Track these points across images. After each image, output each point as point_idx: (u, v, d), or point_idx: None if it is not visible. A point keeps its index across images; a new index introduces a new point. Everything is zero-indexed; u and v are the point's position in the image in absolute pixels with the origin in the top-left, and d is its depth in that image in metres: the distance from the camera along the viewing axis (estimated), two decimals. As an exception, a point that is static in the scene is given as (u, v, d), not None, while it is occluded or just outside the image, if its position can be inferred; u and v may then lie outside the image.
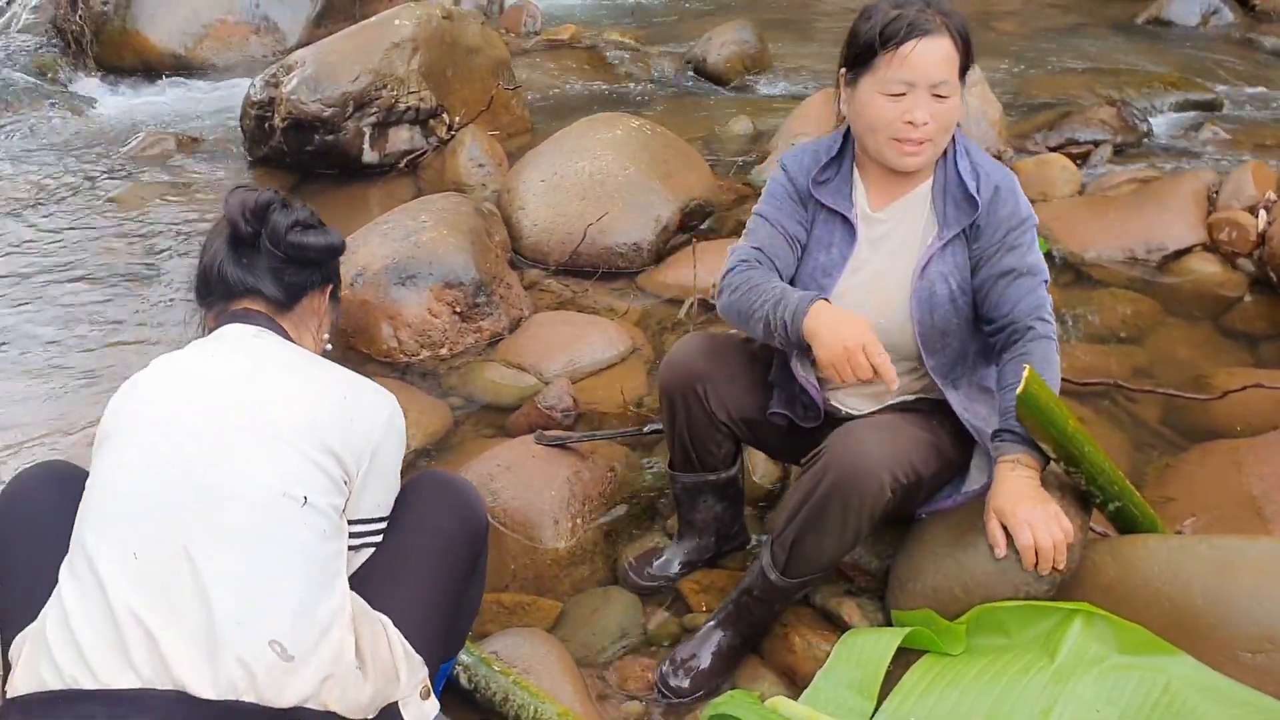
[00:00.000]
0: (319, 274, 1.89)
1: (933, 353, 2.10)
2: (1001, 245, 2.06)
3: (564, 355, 3.24)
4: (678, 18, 7.73)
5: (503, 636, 2.18)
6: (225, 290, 1.82)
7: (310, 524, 1.57)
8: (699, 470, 2.33)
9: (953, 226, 2.08)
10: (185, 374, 1.69)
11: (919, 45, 1.98)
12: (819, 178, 2.18)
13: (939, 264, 2.08)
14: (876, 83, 2.02)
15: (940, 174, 2.11)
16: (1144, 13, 7.45)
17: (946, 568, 2.04)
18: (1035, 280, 2.06)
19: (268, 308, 1.83)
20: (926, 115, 2.00)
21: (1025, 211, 2.08)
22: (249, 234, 1.79)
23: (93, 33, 6.28)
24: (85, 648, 1.45)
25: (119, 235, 4.19)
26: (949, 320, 2.09)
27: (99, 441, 1.67)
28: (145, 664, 1.44)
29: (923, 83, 1.99)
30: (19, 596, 1.62)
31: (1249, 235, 3.68)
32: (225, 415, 1.61)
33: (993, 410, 2.13)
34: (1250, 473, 2.57)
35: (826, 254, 2.16)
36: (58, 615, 1.50)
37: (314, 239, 1.83)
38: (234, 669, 1.45)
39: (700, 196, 4.03)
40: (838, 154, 2.18)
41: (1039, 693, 1.88)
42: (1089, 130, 4.96)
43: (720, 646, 2.12)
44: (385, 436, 1.73)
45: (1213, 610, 1.90)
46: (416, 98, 4.60)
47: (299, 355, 1.78)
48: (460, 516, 1.84)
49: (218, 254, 1.82)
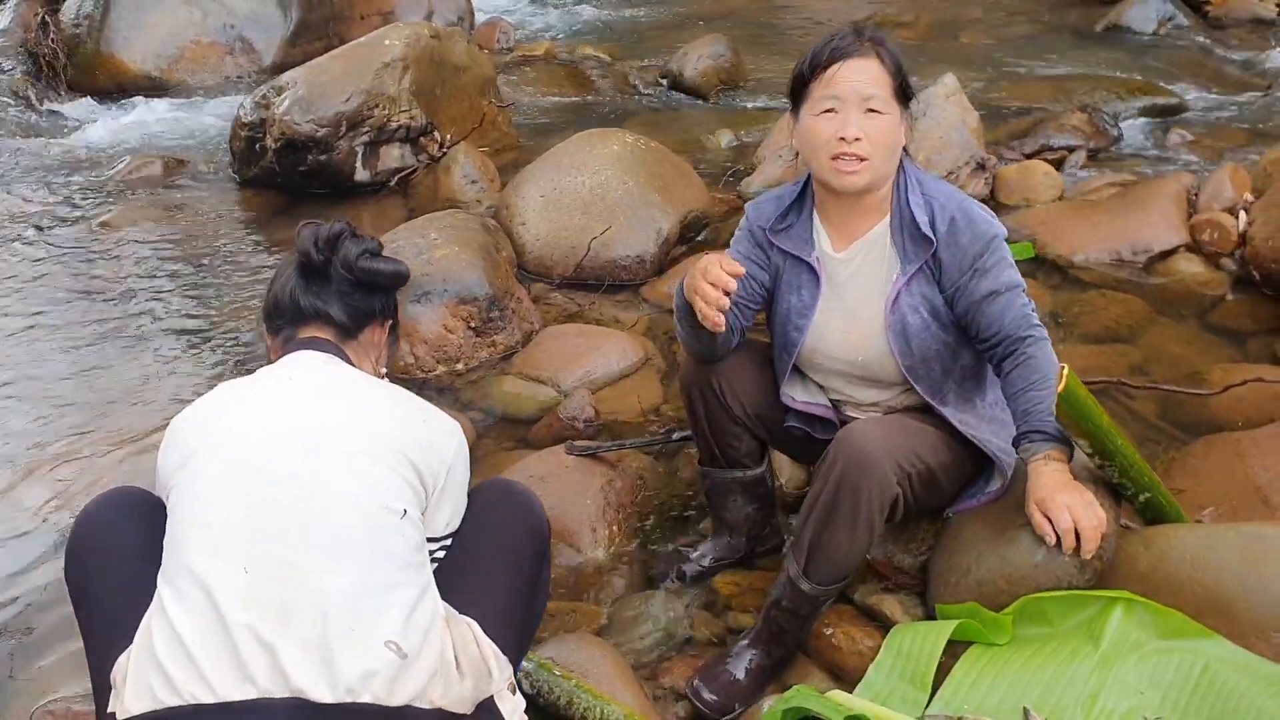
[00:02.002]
0: (383, 304, 1.97)
1: (919, 379, 2.19)
2: (973, 272, 2.12)
3: (580, 367, 3.30)
4: (649, 32, 7.82)
5: (554, 643, 2.23)
6: (295, 314, 1.89)
7: (406, 535, 1.64)
8: (725, 466, 2.41)
9: (914, 261, 2.15)
10: (269, 396, 1.74)
11: (845, 65, 2.08)
12: (778, 225, 2.27)
13: (907, 297, 2.16)
14: (810, 107, 2.13)
15: (895, 210, 2.19)
16: (1102, 20, 7.64)
17: (990, 562, 2.12)
18: (1015, 294, 2.14)
19: (334, 334, 1.90)
20: (858, 130, 2.07)
21: (989, 232, 2.14)
22: (320, 262, 1.87)
23: (66, 55, 6.25)
24: (201, 664, 1.49)
25: (113, 259, 4.19)
26: (928, 347, 2.17)
27: (177, 463, 1.71)
28: (263, 675, 1.48)
29: (851, 98, 2.07)
30: (108, 620, 1.67)
31: (1230, 235, 3.83)
32: (317, 433, 1.67)
33: (980, 419, 2.23)
34: (1254, 463, 2.67)
35: (797, 297, 2.25)
36: (167, 634, 1.54)
37: (384, 265, 1.92)
38: (351, 672, 1.50)
39: (697, 208, 4.12)
40: (798, 199, 2.27)
41: (1085, 678, 1.97)
42: (1062, 136, 5.10)
43: (752, 663, 2.18)
44: (457, 459, 1.82)
45: (1243, 594, 2.00)
46: (408, 116, 4.65)
47: (372, 379, 1.86)
48: (526, 523, 1.91)
49: (289, 281, 1.91)
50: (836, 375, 2.28)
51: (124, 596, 1.66)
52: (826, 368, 2.28)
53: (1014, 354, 2.12)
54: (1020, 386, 2.10)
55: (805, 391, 2.32)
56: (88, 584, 1.71)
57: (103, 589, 1.69)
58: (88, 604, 1.71)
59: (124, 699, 1.53)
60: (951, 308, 2.17)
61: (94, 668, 1.68)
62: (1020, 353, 2.12)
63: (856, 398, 2.30)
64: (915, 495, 2.11)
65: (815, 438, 2.32)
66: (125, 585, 1.67)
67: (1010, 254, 2.18)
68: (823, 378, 2.31)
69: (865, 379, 2.26)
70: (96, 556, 1.72)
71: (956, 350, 2.21)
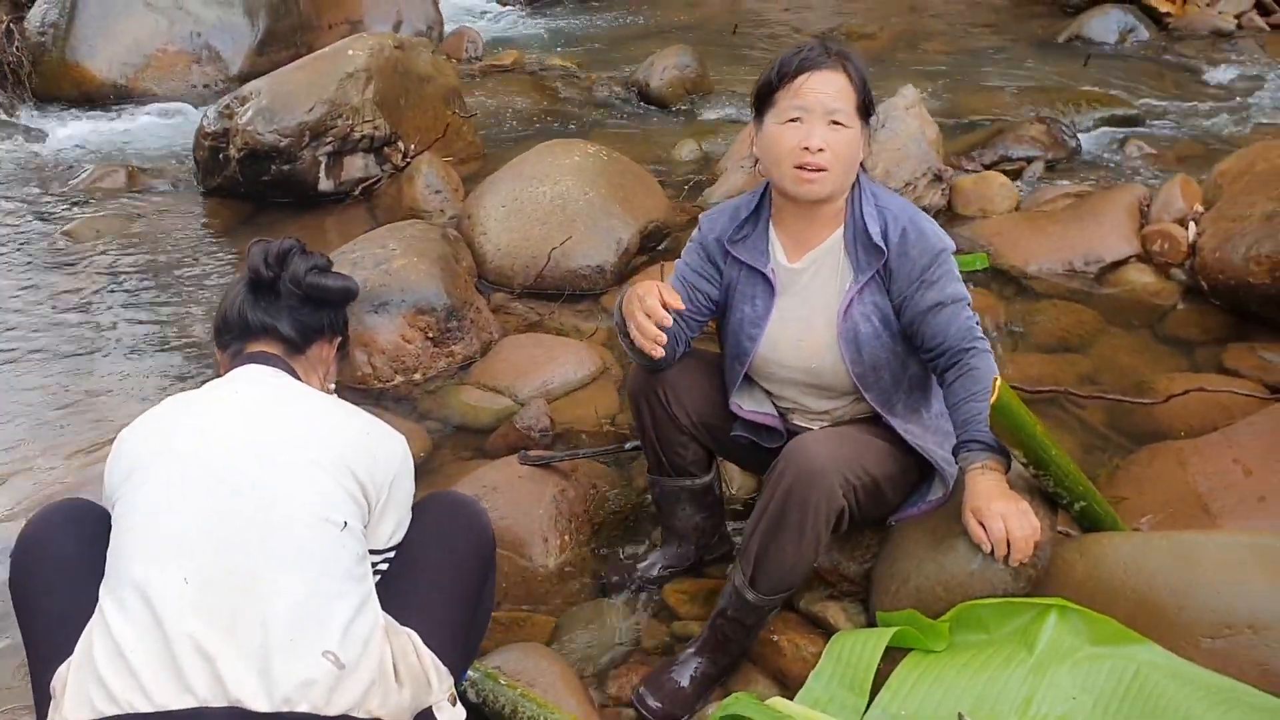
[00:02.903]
0: (331, 320, 2.00)
1: (869, 387, 2.23)
2: (921, 283, 2.17)
3: (537, 377, 3.32)
4: (616, 43, 7.86)
5: (502, 652, 2.26)
6: (243, 330, 1.92)
7: (348, 547, 1.66)
8: (673, 475, 2.45)
9: (866, 271, 2.20)
10: (214, 408, 1.77)
11: (813, 76, 2.12)
12: (735, 236, 2.31)
13: (859, 305, 2.21)
14: (775, 115, 2.16)
15: (849, 221, 2.23)
16: (1065, 31, 7.74)
17: (927, 570, 2.16)
18: (960, 306, 2.19)
19: (282, 349, 1.93)
20: (822, 141, 2.11)
21: (938, 245, 2.18)
22: (269, 278, 1.90)
23: (31, 64, 6.24)
24: (140, 673, 1.51)
25: (75, 269, 4.18)
26: (877, 355, 2.22)
27: (123, 474, 1.72)
28: (202, 685, 1.50)
29: (817, 109, 2.11)
30: (50, 632, 1.68)
31: (1180, 246, 3.89)
32: (262, 445, 1.69)
33: (926, 429, 2.28)
34: (1195, 471, 2.73)
35: (751, 306, 2.29)
36: (107, 644, 1.55)
37: (332, 281, 1.96)
38: (289, 681, 1.52)
39: (657, 219, 4.15)
40: (754, 210, 2.31)
41: (1020, 683, 2.01)
42: (1021, 147, 5.16)
43: (697, 671, 2.21)
44: (401, 472, 1.84)
45: (1175, 600, 2.04)
46: (371, 126, 4.66)
47: (317, 393, 1.88)
48: (471, 535, 1.93)
49: (238, 297, 1.94)
50: (789, 384, 2.32)
51: (67, 607, 1.68)
52: (779, 376, 2.32)
53: (957, 364, 2.17)
54: (962, 396, 2.15)
55: (753, 401, 2.35)
56: (30, 595, 1.72)
57: (46, 600, 1.70)
58: (30, 614, 1.72)
59: (63, 709, 1.54)
60: (899, 317, 2.21)
61: (35, 678, 1.69)
62: (963, 364, 2.16)
63: (807, 406, 2.34)
64: (860, 506, 2.15)
65: (762, 447, 2.36)
66: (68, 596, 1.68)
67: (957, 268, 2.23)
68: (775, 386, 2.35)
69: (817, 387, 2.30)
70: (40, 567, 1.73)
71: (905, 360, 2.25)
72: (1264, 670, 1.92)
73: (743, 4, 9.11)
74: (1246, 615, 1.97)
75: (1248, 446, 2.73)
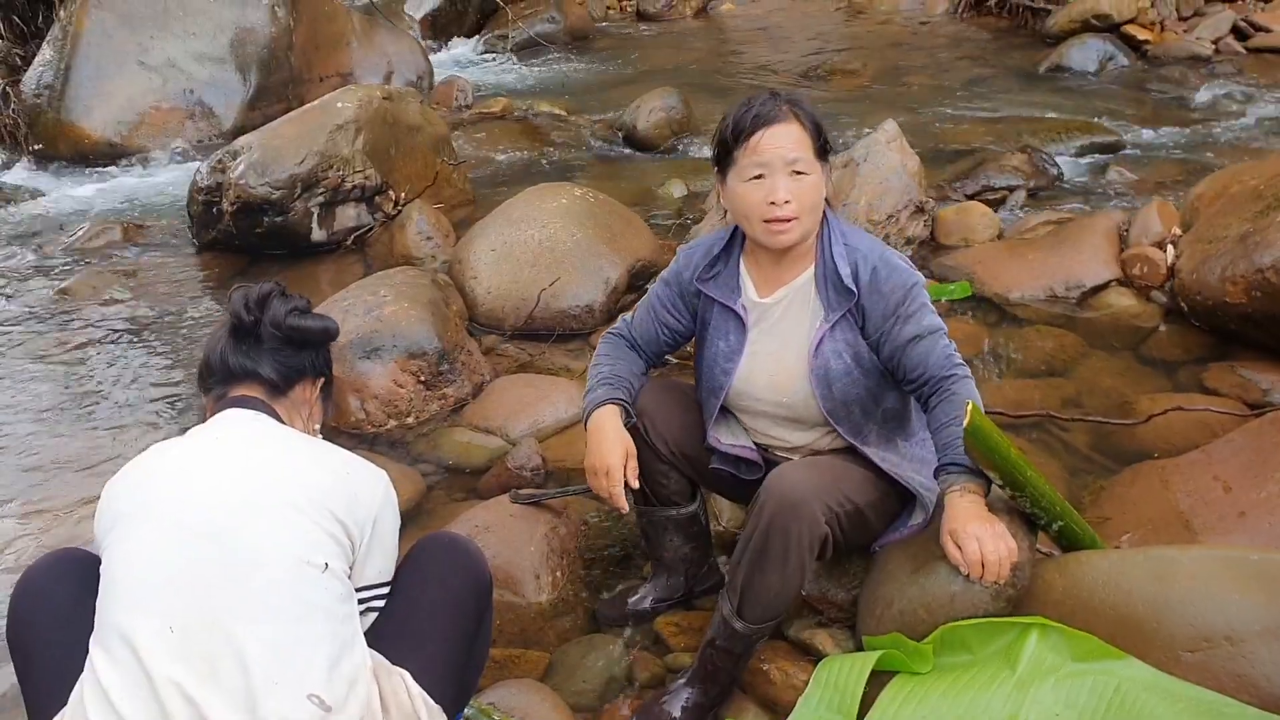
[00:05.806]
0: (313, 361, 2.04)
1: (840, 421, 2.28)
2: (896, 318, 2.23)
3: (528, 416, 3.37)
4: (603, 87, 7.98)
5: (497, 689, 2.29)
6: (225, 374, 1.95)
7: (329, 588, 1.69)
8: (658, 505, 2.49)
9: (836, 310, 2.25)
10: (194, 455, 1.80)
11: (767, 133, 2.18)
12: (705, 275, 2.37)
13: (830, 343, 2.26)
14: (738, 173, 2.22)
15: (820, 261, 2.29)
16: (1045, 61, 7.85)
17: (911, 593, 2.20)
18: (937, 336, 2.24)
19: (264, 392, 1.96)
20: (787, 194, 2.17)
21: (909, 279, 2.24)
22: (250, 323, 1.94)
23: (27, 125, 6.35)
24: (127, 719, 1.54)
25: (71, 325, 4.25)
26: (848, 391, 2.27)
27: (109, 525, 1.76)
28: None
29: (777, 163, 2.17)
30: (47, 684, 1.71)
31: (1159, 269, 3.95)
32: (241, 490, 1.72)
33: (902, 457, 2.33)
34: (1177, 489, 2.77)
35: (725, 341, 2.35)
36: (96, 693, 1.59)
37: (311, 322, 1.99)
38: None
39: (645, 257, 4.22)
40: (725, 247, 2.38)
41: (1003, 702, 2.04)
42: (1003, 176, 5.25)
43: (689, 702, 2.24)
44: (383, 508, 1.87)
45: (1153, 615, 2.07)
46: (362, 176, 4.75)
47: (296, 434, 1.92)
48: (467, 574, 1.96)
49: (219, 342, 1.97)
50: (763, 417, 2.37)
51: (62, 658, 1.71)
52: (754, 409, 2.37)
53: (939, 391, 2.22)
54: (943, 421, 2.20)
55: (731, 434, 2.40)
56: (27, 646, 1.76)
57: (43, 651, 1.74)
58: (27, 666, 1.75)
59: (57, 757, 1.58)
60: (878, 353, 2.26)
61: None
62: (945, 390, 2.21)
63: (783, 439, 2.38)
64: (844, 533, 2.19)
65: (742, 479, 2.40)
66: (63, 647, 1.72)
67: (929, 299, 2.28)
68: (750, 419, 2.40)
69: (790, 419, 2.35)
70: (36, 619, 1.76)
71: (878, 395, 2.30)
72: (1242, 682, 1.95)
73: (727, 45, 9.25)
74: (1223, 628, 1.99)
75: (1228, 463, 2.77)
